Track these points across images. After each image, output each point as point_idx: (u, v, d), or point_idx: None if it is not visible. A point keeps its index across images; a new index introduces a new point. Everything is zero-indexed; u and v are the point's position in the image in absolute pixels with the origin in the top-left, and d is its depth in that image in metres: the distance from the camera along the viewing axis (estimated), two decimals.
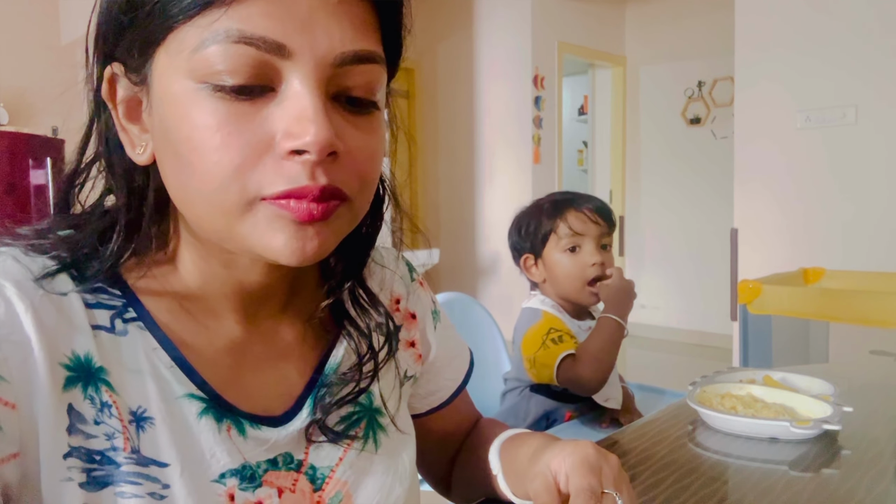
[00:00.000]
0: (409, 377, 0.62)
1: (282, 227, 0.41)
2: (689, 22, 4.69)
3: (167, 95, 0.40)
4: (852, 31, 2.95)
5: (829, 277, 2.54)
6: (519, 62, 4.34)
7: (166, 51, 0.40)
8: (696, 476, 0.72)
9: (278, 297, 0.52)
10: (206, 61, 0.38)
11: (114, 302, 0.45)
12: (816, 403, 0.88)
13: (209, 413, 0.46)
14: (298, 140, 0.39)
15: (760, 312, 2.23)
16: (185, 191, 0.42)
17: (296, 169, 0.39)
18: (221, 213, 0.41)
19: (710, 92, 4.65)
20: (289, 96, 0.39)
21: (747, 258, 3.26)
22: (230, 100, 0.39)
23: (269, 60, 0.39)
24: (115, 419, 0.42)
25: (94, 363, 0.42)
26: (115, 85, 0.44)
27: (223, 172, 0.39)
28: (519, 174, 4.37)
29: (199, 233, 0.45)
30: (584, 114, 5.49)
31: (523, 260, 1.32)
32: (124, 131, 0.44)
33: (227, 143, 0.39)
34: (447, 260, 4.48)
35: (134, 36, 0.41)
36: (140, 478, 0.42)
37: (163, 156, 0.43)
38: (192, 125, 0.39)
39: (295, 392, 0.52)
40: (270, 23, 0.38)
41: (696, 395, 0.93)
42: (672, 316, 4.93)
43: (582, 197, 1.30)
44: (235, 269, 0.48)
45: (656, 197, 4.97)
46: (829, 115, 3.02)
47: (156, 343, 0.45)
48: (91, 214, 0.47)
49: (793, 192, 3.15)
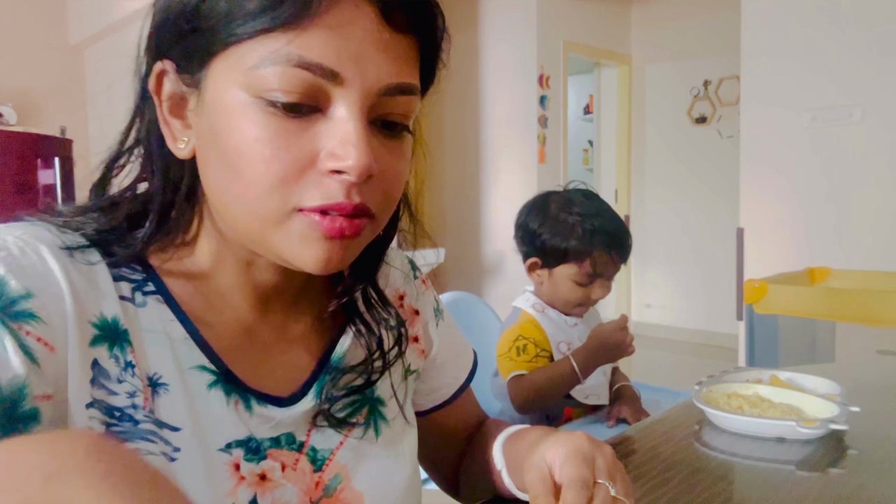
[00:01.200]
0: (413, 371, 0.64)
1: (314, 240, 0.44)
2: (694, 21, 4.68)
3: (220, 103, 0.43)
4: (858, 30, 2.94)
5: (836, 277, 2.54)
6: (524, 61, 4.34)
7: (224, 62, 0.43)
8: (703, 476, 0.72)
9: (290, 293, 0.55)
10: (264, 80, 0.41)
11: (135, 276, 0.48)
12: (823, 403, 0.88)
13: (218, 385, 0.48)
14: (341, 162, 0.42)
15: (766, 312, 2.23)
16: (226, 193, 0.45)
17: (334, 186, 0.43)
18: (259, 220, 0.44)
19: (716, 91, 4.64)
20: (336, 120, 0.42)
21: (753, 257, 3.25)
22: (281, 116, 0.42)
23: (321, 85, 0.42)
24: (137, 378, 0.45)
25: (121, 325, 0.45)
26: (163, 80, 0.46)
27: (268, 183, 0.42)
28: (524, 173, 4.36)
29: (230, 233, 0.48)
30: (590, 113, 5.48)
31: (530, 263, 1.31)
32: (166, 124, 0.47)
33: (276, 156, 0.42)
34: (452, 259, 4.48)
35: (194, 43, 0.43)
36: (155, 437, 0.44)
37: (207, 156, 0.45)
38: (244, 136, 0.42)
39: (301, 377, 0.54)
40: (327, 51, 0.41)
41: (702, 395, 0.93)
42: (678, 315, 4.92)
43: (610, 229, 1.24)
44: (252, 268, 0.51)
45: (662, 196, 4.96)
46: (836, 114, 3.01)
47: (172, 315, 0.48)
48: (122, 198, 0.50)
49: (799, 191, 3.14)
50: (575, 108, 5.64)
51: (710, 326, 4.70)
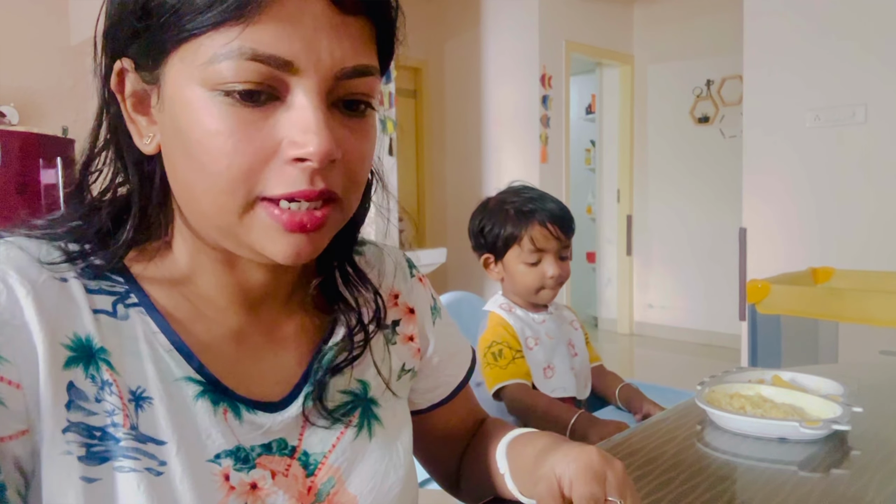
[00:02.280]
0: (408, 370, 0.63)
1: (284, 231, 0.44)
2: (697, 20, 4.67)
3: (180, 98, 0.43)
4: (862, 30, 2.94)
5: (839, 277, 2.53)
6: (526, 61, 4.34)
7: (179, 57, 0.43)
8: (705, 476, 0.72)
9: (281, 292, 0.54)
10: (219, 74, 0.41)
11: (116, 288, 0.47)
12: (826, 404, 0.88)
13: (206, 396, 0.48)
14: (302, 149, 0.42)
15: (769, 312, 2.22)
16: (191, 187, 0.44)
17: (296, 174, 0.43)
18: (226, 212, 0.44)
19: (719, 90, 4.63)
20: (294, 107, 0.42)
21: (756, 258, 3.24)
22: (240, 107, 0.42)
23: (277, 75, 0.42)
24: (115, 397, 0.44)
25: (94, 344, 0.44)
26: (124, 79, 0.46)
27: (232, 175, 0.42)
28: (526, 173, 4.36)
29: (199, 229, 0.48)
30: (592, 113, 5.47)
31: (483, 259, 1.36)
32: (132, 122, 0.47)
33: (238, 148, 0.42)
34: (455, 259, 4.48)
35: (148, 41, 0.43)
36: (138, 453, 0.44)
37: (171, 151, 0.45)
38: (205, 129, 0.42)
39: (293, 380, 0.53)
40: (279, 42, 0.41)
41: (704, 395, 0.93)
42: (680, 316, 4.91)
43: (544, 206, 1.29)
44: (236, 269, 0.50)
45: (664, 196, 4.95)
46: (839, 114, 3.01)
47: (156, 327, 0.47)
48: (101, 203, 0.49)
49: (802, 191, 3.14)
50: (577, 107, 5.64)
51: (712, 327, 4.69)
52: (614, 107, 5.10)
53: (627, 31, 5.04)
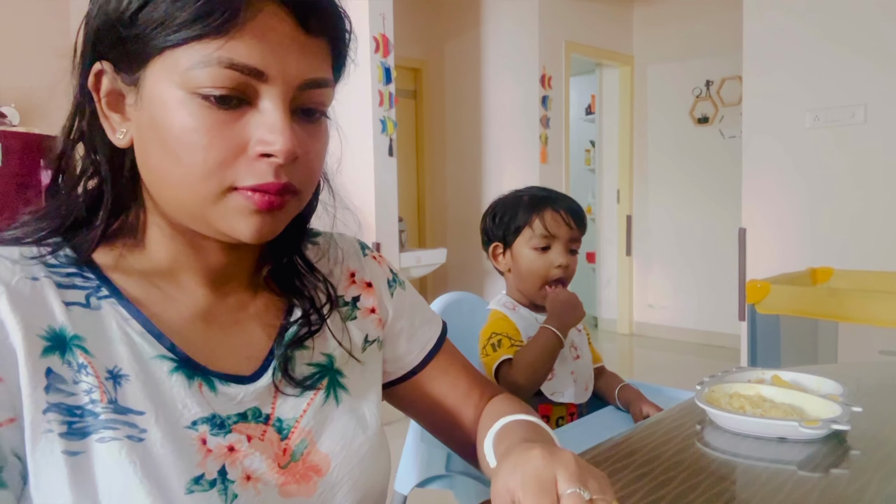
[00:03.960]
0: (373, 341, 0.69)
1: (248, 214, 0.51)
2: (697, 21, 4.68)
3: (160, 99, 0.49)
4: (861, 30, 2.94)
5: (838, 277, 2.54)
6: (526, 61, 4.34)
7: (161, 63, 0.49)
8: (705, 476, 0.72)
9: (243, 273, 0.61)
10: (198, 79, 0.48)
11: (88, 283, 0.53)
12: (825, 403, 0.88)
13: (179, 371, 0.53)
14: (270, 147, 0.49)
15: (769, 312, 2.23)
16: (167, 177, 0.50)
17: (264, 168, 0.50)
18: (199, 199, 0.50)
19: (719, 91, 4.63)
20: (263, 111, 0.50)
21: (755, 258, 3.25)
22: (215, 109, 0.48)
23: (249, 82, 0.49)
24: (92, 377, 0.49)
25: (67, 333, 0.49)
26: (101, 78, 0.52)
27: (206, 167, 0.49)
28: (526, 174, 4.36)
29: (172, 214, 0.53)
30: (592, 113, 5.47)
31: (493, 248, 1.35)
32: (105, 118, 0.53)
33: (212, 144, 0.48)
34: (455, 259, 4.49)
35: (132, 48, 0.49)
36: (118, 423, 0.49)
37: (147, 145, 0.51)
38: (183, 127, 0.48)
39: (262, 354, 0.59)
40: (253, 54, 0.48)
41: (704, 395, 0.93)
42: (680, 316, 4.92)
43: (560, 197, 1.32)
44: (201, 250, 0.56)
45: (664, 196, 4.96)
46: (838, 115, 3.01)
47: (127, 314, 0.53)
48: (72, 197, 0.54)
49: (801, 191, 3.14)
50: (577, 108, 5.64)
51: (712, 327, 4.69)
52: (614, 107, 5.10)
53: (627, 32, 5.04)
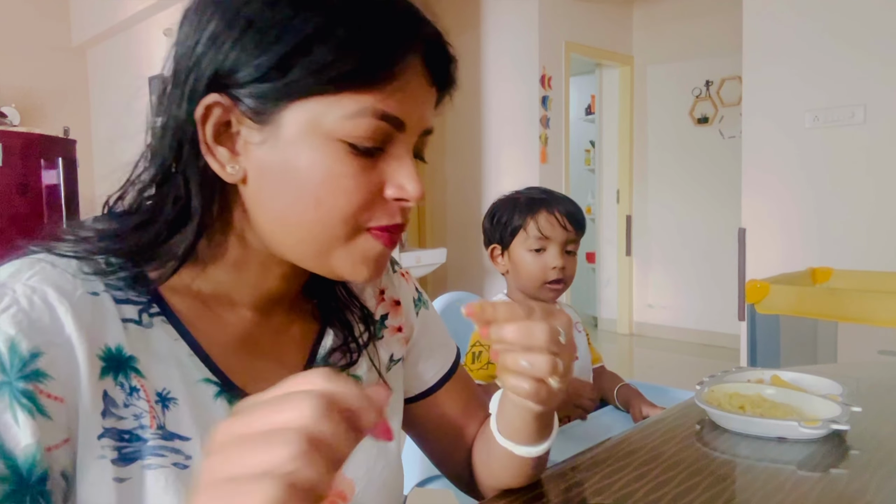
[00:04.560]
0: (397, 360, 0.69)
1: (373, 255, 0.53)
2: (696, 21, 4.68)
3: (302, 143, 0.49)
4: (860, 31, 2.94)
5: (838, 277, 2.54)
6: (526, 62, 4.34)
7: (304, 107, 0.49)
8: (704, 475, 0.72)
9: (289, 297, 0.61)
10: (348, 128, 0.49)
11: (140, 299, 0.52)
12: (825, 403, 0.88)
13: (222, 395, 0.53)
14: (405, 193, 0.52)
15: (768, 312, 2.23)
16: (295, 218, 0.51)
17: (395, 210, 0.53)
18: (331, 239, 0.52)
19: (718, 91, 4.63)
20: (397, 157, 0.52)
21: (755, 258, 3.25)
22: (358, 156, 0.50)
23: (390, 131, 0.51)
24: (143, 401, 0.49)
25: (124, 353, 0.49)
26: (212, 111, 0.49)
27: (349, 210, 0.51)
28: (526, 174, 4.36)
29: (284, 252, 0.53)
30: (592, 113, 5.47)
31: (491, 249, 1.36)
32: (210, 152, 0.50)
33: (355, 189, 0.50)
34: (454, 259, 4.49)
35: (277, 87, 0.48)
36: (165, 450, 0.49)
37: (273, 185, 0.51)
38: (328, 172, 0.50)
39: None
40: (399, 106, 0.50)
41: (704, 395, 0.93)
42: (679, 316, 4.92)
43: (557, 199, 1.32)
44: (266, 277, 0.57)
45: (664, 196, 4.96)
46: (838, 115, 3.01)
47: (177, 335, 0.52)
48: (151, 221, 0.52)
49: (801, 191, 3.14)
50: (577, 108, 5.64)
51: (711, 327, 4.69)
52: (614, 107, 5.10)
53: (627, 32, 5.04)
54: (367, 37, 0.48)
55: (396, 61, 0.49)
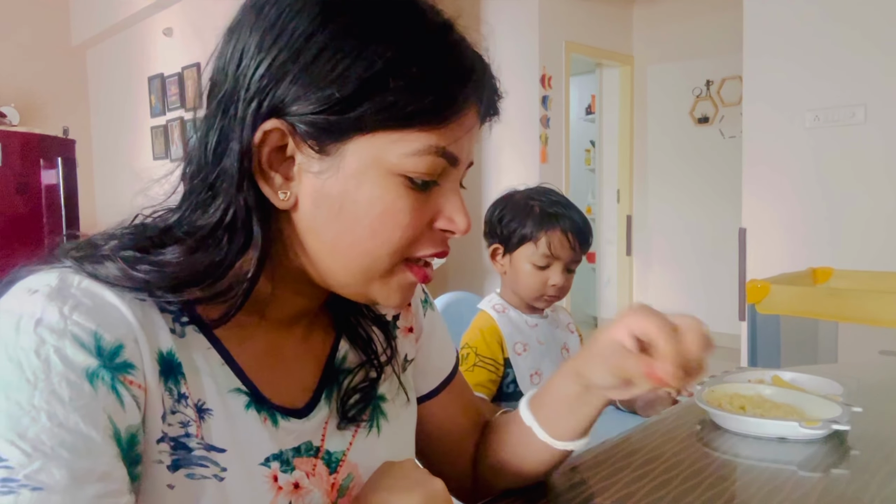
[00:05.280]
0: (411, 360, 0.69)
1: (408, 286, 0.55)
2: (697, 21, 4.68)
3: (362, 175, 0.49)
4: (861, 31, 2.94)
5: (838, 277, 2.53)
6: (526, 61, 4.34)
7: (370, 141, 0.49)
8: (705, 476, 0.72)
9: (313, 309, 0.61)
10: (411, 164, 0.49)
11: (172, 307, 0.50)
12: (825, 403, 0.88)
13: (252, 406, 0.53)
14: (455, 226, 0.54)
15: (769, 312, 2.22)
16: (344, 248, 0.51)
17: (440, 239, 0.55)
18: (376, 270, 0.52)
19: (719, 91, 4.63)
20: (449, 191, 0.54)
21: (755, 258, 3.25)
22: (416, 190, 0.51)
23: (446, 166, 0.52)
24: (190, 409, 0.49)
25: (175, 358, 0.49)
26: (269, 136, 0.48)
27: (402, 242, 0.51)
28: (526, 174, 4.36)
29: (327, 276, 0.53)
30: (592, 113, 5.47)
31: (492, 249, 1.34)
32: (264, 177, 0.49)
33: (411, 223, 0.51)
34: (454, 259, 4.49)
35: (343, 121, 0.48)
36: (206, 461, 0.49)
37: (327, 214, 0.50)
38: (388, 205, 0.50)
39: (312, 385, 0.59)
40: (455, 143, 0.51)
41: (704, 395, 0.93)
42: None
43: (570, 214, 1.28)
44: (297, 298, 0.57)
45: (664, 196, 4.96)
46: (838, 115, 3.01)
47: (208, 343, 0.52)
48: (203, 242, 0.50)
49: (801, 191, 3.14)
50: (577, 108, 5.64)
51: (712, 326, 4.56)
52: (614, 107, 5.10)
53: (627, 32, 5.04)
54: (439, 76, 0.49)
55: (459, 106, 0.50)
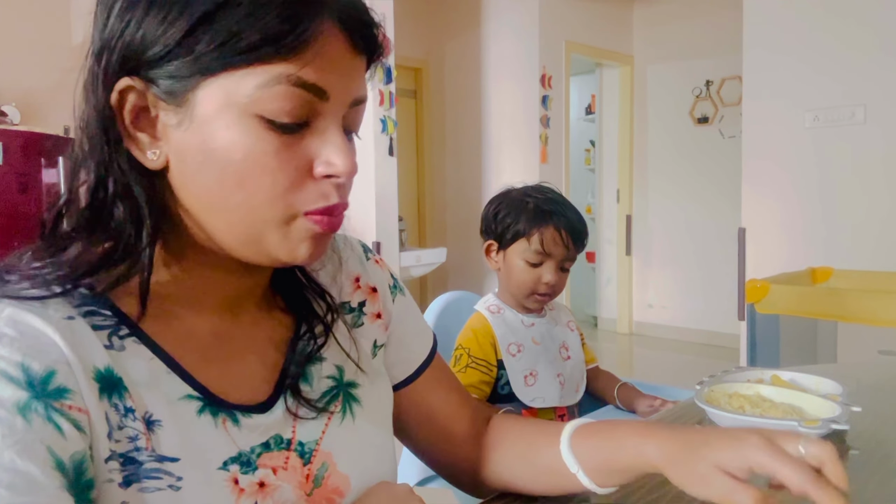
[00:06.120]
0: (380, 346, 0.68)
1: (311, 238, 0.50)
2: (696, 21, 4.68)
3: (218, 121, 0.47)
4: (861, 30, 2.94)
5: (837, 277, 2.54)
6: (526, 61, 4.34)
7: (217, 84, 0.46)
8: None
9: (258, 291, 0.59)
10: (264, 100, 0.46)
11: (107, 322, 0.49)
12: (825, 403, 0.88)
13: (206, 410, 0.51)
14: (334, 168, 0.49)
15: (768, 312, 2.23)
16: (220, 202, 0.48)
17: (329, 189, 0.50)
18: (261, 223, 0.49)
19: (718, 91, 4.63)
20: (324, 131, 0.49)
21: (755, 257, 3.25)
22: (279, 132, 0.47)
23: (312, 102, 0.48)
24: (138, 421, 0.47)
25: (114, 373, 0.47)
26: (127, 95, 0.47)
27: (275, 191, 0.48)
28: (526, 173, 4.36)
29: (218, 240, 0.50)
30: (592, 113, 5.47)
31: (487, 245, 1.34)
32: (131, 138, 0.48)
33: (280, 168, 0.48)
34: (454, 259, 4.49)
35: (180, 65, 0.46)
36: (160, 472, 0.47)
37: (194, 169, 0.48)
38: (248, 150, 0.47)
39: (273, 377, 0.57)
40: (319, 73, 0.47)
41: (703, 395, 0.93)
42: (679, 315, 4.92)
43: (565, 211, 1.27)
44: (218, 270, 0.53)
45: (664, 196, 4.96)
46: (838, 115, 3.01)
47: (151, 353, 0.50)
48: (78, 228, 0.49)
49: (801, 191, 3.14)
50: (577, 108, 5.64)
51: (711, 326, 4.70)
52: (614, 107, 5.10)
53: (627, 32, 5.04)
54: (271, 4, 0.45)
55: (305, 27, 0.45)
